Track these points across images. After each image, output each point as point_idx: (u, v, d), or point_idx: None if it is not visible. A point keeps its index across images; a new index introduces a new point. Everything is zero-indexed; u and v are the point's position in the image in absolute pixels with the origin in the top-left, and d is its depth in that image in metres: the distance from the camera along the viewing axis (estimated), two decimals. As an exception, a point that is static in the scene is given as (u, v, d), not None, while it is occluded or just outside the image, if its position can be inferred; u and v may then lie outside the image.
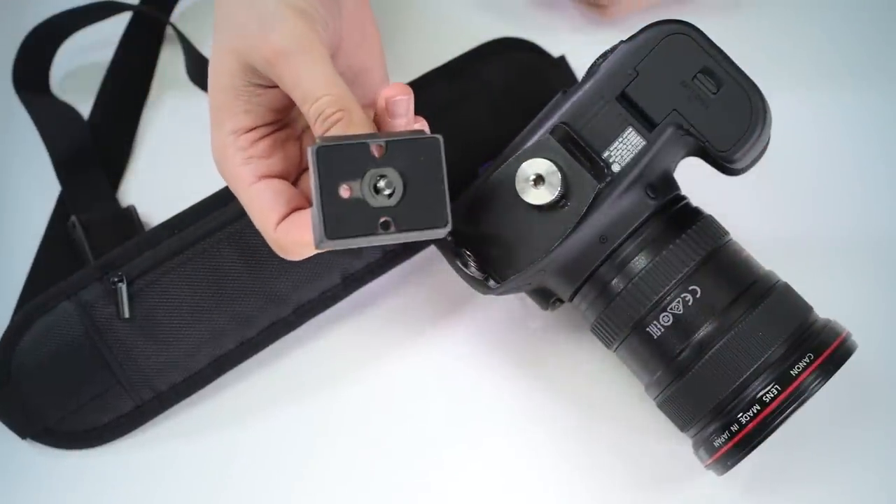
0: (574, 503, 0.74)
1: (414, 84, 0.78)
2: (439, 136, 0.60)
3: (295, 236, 0.63)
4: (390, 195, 0.59)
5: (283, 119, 0.67)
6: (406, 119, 0.63)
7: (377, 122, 0.63)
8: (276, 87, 0.64)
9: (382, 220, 0.59)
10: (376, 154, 0.59)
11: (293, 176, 0.67)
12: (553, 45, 0.81)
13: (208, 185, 0.76)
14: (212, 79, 0.65)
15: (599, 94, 0.66)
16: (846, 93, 0.82)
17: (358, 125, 0.60)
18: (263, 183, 0.64)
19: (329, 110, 0.60)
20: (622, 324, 0.68)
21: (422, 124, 0.63)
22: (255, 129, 0.65)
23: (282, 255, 0.65)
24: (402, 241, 0.61)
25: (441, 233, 0.61)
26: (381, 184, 0.59)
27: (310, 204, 0.62)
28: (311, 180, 0.59)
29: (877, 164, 0.81)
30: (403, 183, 0.60)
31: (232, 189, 0.66)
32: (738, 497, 0.74)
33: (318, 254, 0.74)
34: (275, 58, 0.61)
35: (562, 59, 0.81)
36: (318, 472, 0.75)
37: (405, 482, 0.75)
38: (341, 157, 0.59)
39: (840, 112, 0.82)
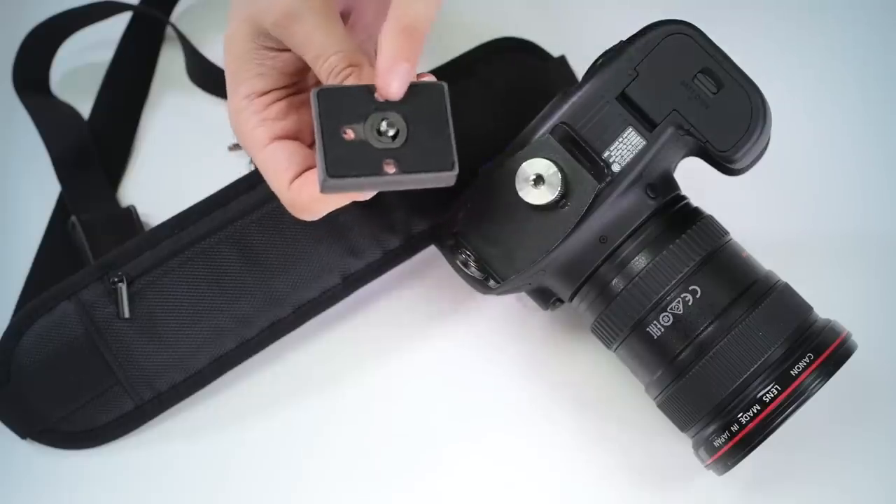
0: (574, 503, 0.74)
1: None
2: (444, 83, 0.61)
3: (309, 192, 0.63)
4: (394, 137, 0.60)
5: (296, 83, 0.67)
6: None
7: None
8: (288, 50, 0.64)
9: (386, 161, 0.59)
10: (380, 98, 0.60)
11: (308, 139, 0.67)
12: (553, 45, 0.81)
13: (208, 185, 0.76)
14: (227, 48, 0.66)
15: (599, 94, 0.67)
16: (846, 93, 0.82)
17: (369, 80, 0.61)
18: (277, 143, 0.65)
19: (340, 66, 0.61)
20: (622, 324, 0.68)
21: (428, 77, 0.63)
22: (268, 92, 0.66)
23: (297, 215, 0.65)
24: (408, 187, 0.61)
25: (449, 177, 0.60)
26: (384, 125, 0.59)
27: None
28: (314, 123, 0.59)
29: (877, 164, 0.81)
30: (407, 127, 0.60)
31: (248, 152, 0.66)
32: (738, 497, 0.74)
33: (316, 253, 0.75)
34: (285, 20, 0.62)
35: (562, 59, 0.81)
36: (318, 472, 0.75)
37: (405, 482, 0.75)
38: (343, 100, 0.59)
39: (840, 112, 0.82)
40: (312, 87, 0.65)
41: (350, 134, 0.59)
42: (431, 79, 0.62)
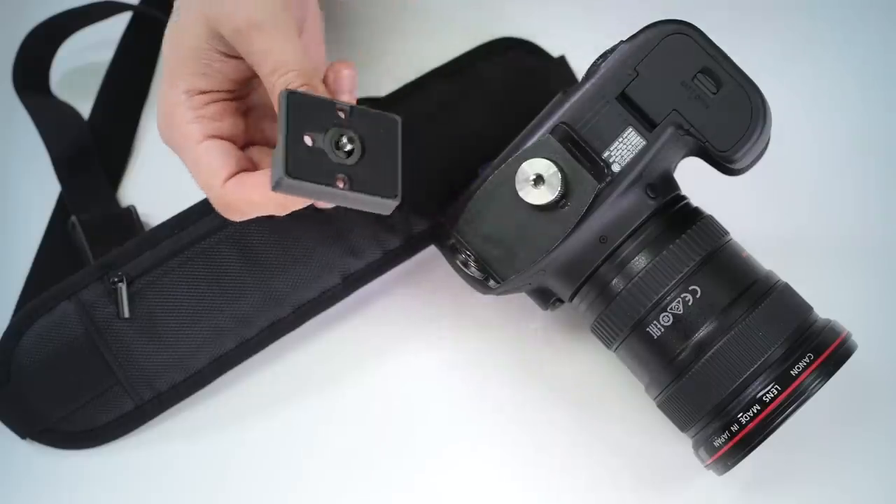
0: (574, 503, 0.74)
1: (414, 84, 0.79)
2: (399, 117, 0.64)
3: (243, 194, 0.64)
4: (349, 154, 0.62)
5: (236, 91, 0.68)
6: (350, 95, 0.66)
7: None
8: (238, 58, 0.65)
9: (339, 175, 0.62)
10: (342, 116, 0.62)
11: (239, 145, 0.67)
12: (553, 46, 0.81)
13: (208, 186, 0.76)
14: (173, 38, 0.66)
15: (599, 94, 0.66)
16: (846, 92, 0.82)
17: None
18: (212, 141, 0.66)
19: (296, 83, 0.62)
20: (622, 324, 0.68)
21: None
22: (208, 92, 0.66)
23: (224, 214, 0.66)
24: (350, 205, 0.63)
25: (390, 205, 0.63)
26: (343, 140, 0.62)
27: (255, 169, 0.66)
28: (279, 122, 0.61)
29: (877, 164, 0.81)
30: (362, 148, 0.62)
31: (176, 148, 0.66)
32: (738, 497, 0.74)
33: (316, 253, 0.75)
34: (247, 29, 0.63)
35: (562, 59, 0.81)
36: (318, 472, 0.75)
37: (405, 482, 0.75)
38: (310, 107, 0.62)
39: (840, 112, 0.82)
40: (248, 97, 0.68)
41: (310, 140, 0.61)
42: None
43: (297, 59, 0.63)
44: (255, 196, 0.64)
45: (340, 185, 0.62)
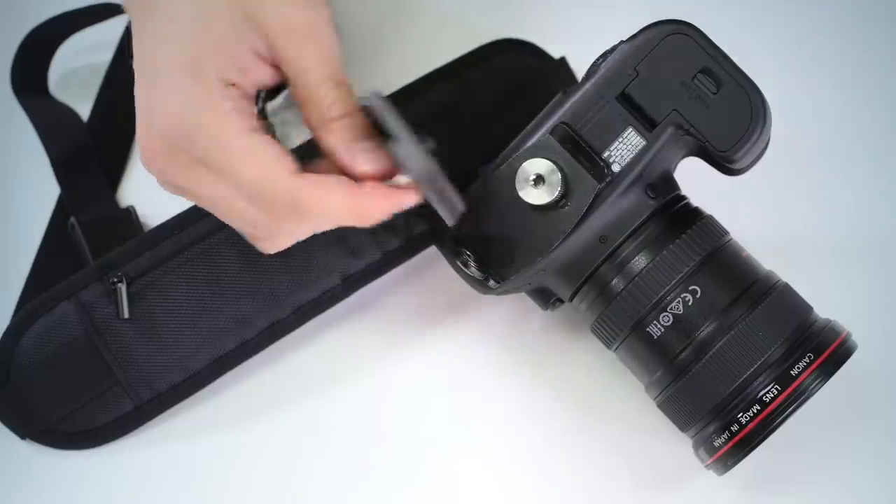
0: (573, 503, 0.74)
1: (415, 84, 0.79)
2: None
3: (320, 192, 0.60)
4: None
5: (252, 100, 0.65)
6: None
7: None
8: (270, 66, 0.63)
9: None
10: None
11: None
12: (553, 46, 0.81)
13: (208, 186, 0.76)
14: (196, 27, 0.60)
15: (599, 95, 0.67)
16: (847, 92, 0.82)
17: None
18: (261, 133, 0.61)
19: (341, 102, 0.61)
20: (622, 324, 0.68)
21: None
22: (240, 88, 0.62)
23: (283, 215, 0.61)
24: (435, 202, 0.64)
25: (459, 215, 0.65)
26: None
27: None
28: (387, 123, 0.60)
29: (877, 164, 0.81)
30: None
31: (209, 144, 0.60)
32: (738, 497, 0.74)
33: (316, 254, 0.75)
34: (297, 33, 0.61)
35: (562, 59, 0.81)
36: (318, 473, 0.75)
37: (405, 482, 0.75)
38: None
39: (840, 112, 0.82)
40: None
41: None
42: None
43: (342, 69, 0.61)
44: (334, 198, 0.59)
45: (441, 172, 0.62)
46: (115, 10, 0.84)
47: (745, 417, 0.65)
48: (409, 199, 0.62)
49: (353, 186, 0.60)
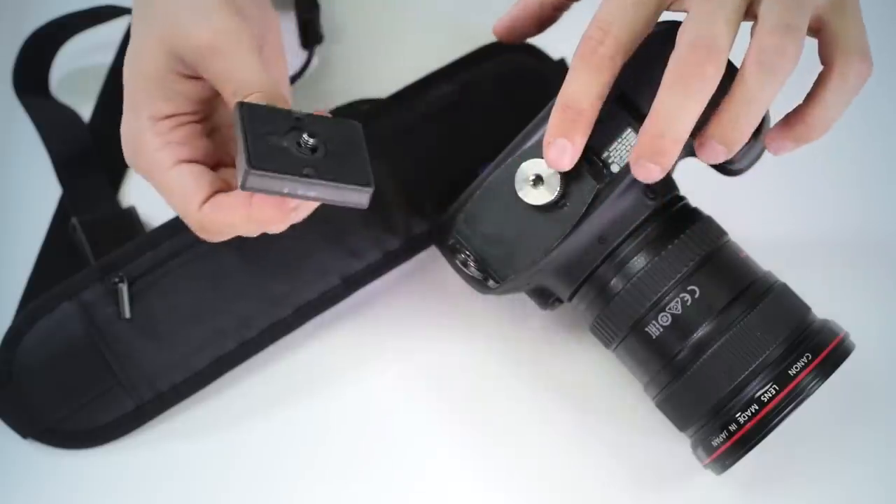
0: (573, 503, 0.74)
1: (415, 85, 0.79)
2: (359, 123, 0.63)
3: (220, 216, 0.63)
4: (313, 150, 0.61)
5: (200, 111, 0.67)
6: None
7: None
8: (199, 78, 0.64)
9: (305, 168, 0.60)
10: (299, 121, 0.61)
11: (210, 167, 0.66)
12: (553, 46, 0.81)
13: (208, 186, 0.76)
14: (132, 64, 0.65)
15: (599, 95, 0.67)
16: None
17: None
18: (183, 166, 0.64)
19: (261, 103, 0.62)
20: (621, 324, 0.68)
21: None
22: (173, 116, 0.65)
23: (203, 237, 0.65)
24: (325, 197, 0.61)
25: (366, 194, 0.61)
26: (305, 137, 0.61)
27: (229, 190, 0.64)
28: (236, 130, 0.60)
29: (877, 164, 0.81)
30: (326, 147, 0.61)
31: (146, 175, 0.65)
32: (737, 497, 0.74)
33: (316, 254, 0.75)
34: (208, 50, 0.62)
35: (561, 61, 0.81)
36: (318, 473, 0.75)
37: (405, 482, 0.75)
38: (266, 115, 0.61)
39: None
40: (212, 117, 0.67)
41: (272, 141, 0.60)
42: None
43: (259, 79, 0.62)
44: (234, 217, 0.63)
45: (309, 173, 0.60)
46: (117, 12, 0.84)
47: (744, 417, 0.65)
48: (293, 203, 0.63)
49: (247, 202, 0.63)
